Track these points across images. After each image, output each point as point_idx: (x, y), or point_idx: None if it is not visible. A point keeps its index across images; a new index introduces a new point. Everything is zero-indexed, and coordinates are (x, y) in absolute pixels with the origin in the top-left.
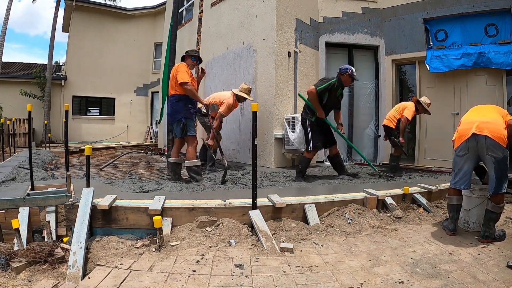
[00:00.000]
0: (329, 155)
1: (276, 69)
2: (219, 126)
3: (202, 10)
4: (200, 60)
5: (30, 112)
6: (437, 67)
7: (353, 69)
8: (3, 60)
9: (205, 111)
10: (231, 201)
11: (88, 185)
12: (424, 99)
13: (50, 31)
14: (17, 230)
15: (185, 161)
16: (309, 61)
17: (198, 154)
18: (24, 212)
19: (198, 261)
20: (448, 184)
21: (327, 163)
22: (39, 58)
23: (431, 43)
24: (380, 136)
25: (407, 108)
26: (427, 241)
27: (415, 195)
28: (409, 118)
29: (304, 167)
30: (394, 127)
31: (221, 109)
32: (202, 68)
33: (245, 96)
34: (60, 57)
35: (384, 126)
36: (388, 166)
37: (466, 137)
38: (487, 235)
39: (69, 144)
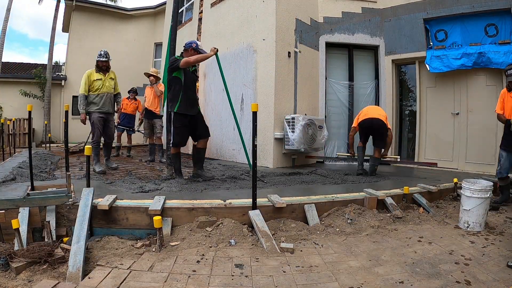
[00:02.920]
0: (194, 146)
1: (276, 69)
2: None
3: (202, 10)
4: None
5: (30, 112)
6: (437, 67)
7: (198, 42)
8: (3, 60)
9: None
10: (231, 201)
11: (88, 185)
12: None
13: (24, 25)
14: (17, 230)
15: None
16: (309, 61)
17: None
18: (24, 212)
19: (198, 261)
20: (448, 184)
21: (327, 163)
22: (19, 54)
23: (431, 43)
24: None
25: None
26: (427, 241)
27: (415, 195)
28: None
29: (176, 163)
30: None
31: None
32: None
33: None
34: (41, 53)
35: None
36: (370, 167)
37: None
38: None
39: (69, 144)
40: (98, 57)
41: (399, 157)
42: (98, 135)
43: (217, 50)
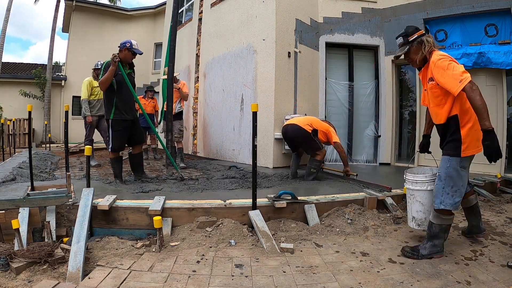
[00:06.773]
0: (130, 152)
1: (276, 69)
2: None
3: (202, 11)
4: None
5: (30, 112)
6: None
7: (133, 42)
8: (3, 60)
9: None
10: (231, 201)
11: (88, 185)
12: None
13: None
14: (17, 230)
15: None
16: (309, 62)
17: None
18: (24, 212)
19: (198, 262)
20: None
21: (327, 163)
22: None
23: None
24: (380, 136)
25: (333, 133)
26: None
27: None
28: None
29: (117, 168)
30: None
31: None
32: None
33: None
34: (16, 49)
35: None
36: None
37: None
38: None
39: (69, 144)
40: (97, 67)
41: (356, 174)
42: (92, 134)
43: (116, 57)
